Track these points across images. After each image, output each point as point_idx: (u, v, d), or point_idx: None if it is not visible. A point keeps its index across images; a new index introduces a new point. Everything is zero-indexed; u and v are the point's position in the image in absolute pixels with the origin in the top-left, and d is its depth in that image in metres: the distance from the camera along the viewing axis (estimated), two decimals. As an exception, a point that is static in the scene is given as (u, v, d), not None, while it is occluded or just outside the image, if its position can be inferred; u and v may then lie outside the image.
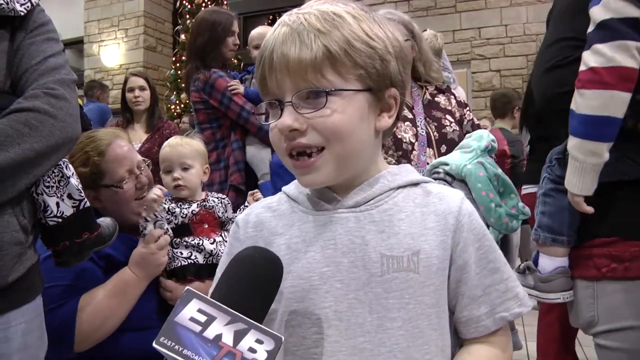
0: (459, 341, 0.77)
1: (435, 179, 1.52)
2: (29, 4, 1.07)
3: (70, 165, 1.13)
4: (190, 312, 0.54)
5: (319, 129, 0.68)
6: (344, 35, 0.68)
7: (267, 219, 0.80)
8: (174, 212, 1.49)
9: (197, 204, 1.53)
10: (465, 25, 6.32)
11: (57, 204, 1.07)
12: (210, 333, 0.53)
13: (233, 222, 1.57)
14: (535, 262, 1.22)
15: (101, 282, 1.36)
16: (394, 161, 1.64)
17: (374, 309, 0.69)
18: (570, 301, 1.16)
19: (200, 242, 1.48)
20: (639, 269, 1.01)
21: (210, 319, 0.54)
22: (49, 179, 1.07)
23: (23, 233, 1.02)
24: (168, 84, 6.69)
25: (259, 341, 0.53)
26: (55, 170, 1.08)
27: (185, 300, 0.55)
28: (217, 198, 1.61)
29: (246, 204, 1.68)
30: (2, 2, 1.01)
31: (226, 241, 1.37)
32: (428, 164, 1.67)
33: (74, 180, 1.11)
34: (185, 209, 1.51)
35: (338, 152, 0.70)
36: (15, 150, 0.94)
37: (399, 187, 0.76)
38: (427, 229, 0.73)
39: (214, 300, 0.56)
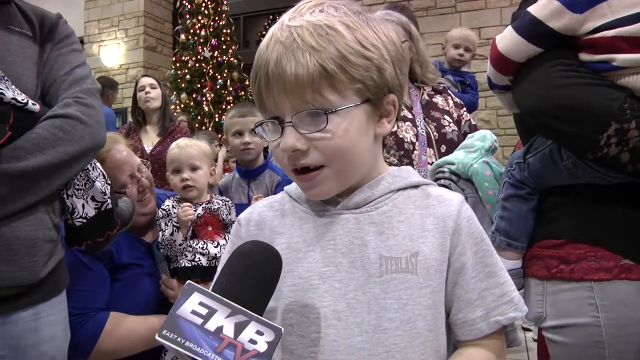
0: (454, 342, 0.78)
1: (440, 178, 1.52)
2: None
3: (98, 166, 1.18)
4: (191, 305, 0.55)
5: (321, 149, 0.69)
6: (339, 51, 0.66)
7: (269, 217, 0.80)
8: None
9: (202, 207, 1.54)
10: (465, 25, 6.29)
11: (83, 206, 1.13)
12: (211, 325, 0.54)
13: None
14: None
15: (107, 285, 1.38)
16: (396, 161, 1.64)
17: (372, 309, 0.69)
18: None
19: (205, 245, 1.49)
20: (583, 270, 1.06)
21: (212, 312, 0.55)
22: (78, 182, 1.13)
23: (55, 230, 1.08)
24: (168, 84, 6.69)
25: (259, 333, 0.54)
26: (82, 174, 1.13)
27: (187, 293, 0.56)
28: (222, 200, 1.62)
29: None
30: None
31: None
32: (429, 163, 1.68)
33: (99, 184, 1.16)
34: (194, 205, 1.52)
35: (338, 168, 0.71)
36: (52, 152, 1.01)
37: (399, 189, 0.76)
38: (426, 231, 0.73)
39: (214, 294, 0.57)
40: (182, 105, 6.44)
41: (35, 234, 1.02)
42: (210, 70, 6.55)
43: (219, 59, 6.60)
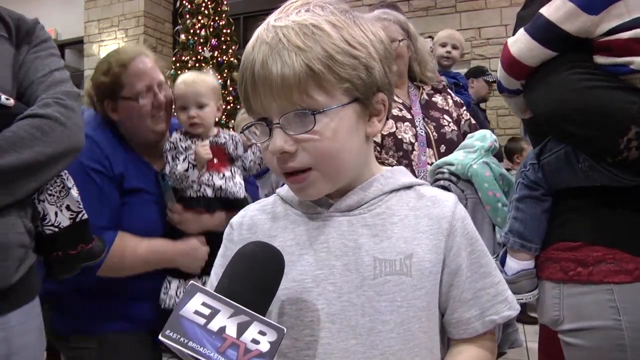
0: (446, 342, 0.78)
1: (439, 179, 1.52)
2: None
3: (70, 177, 1.15)
4: (194, 306, 0.56)
5: (309, 151, 0.68)
6: (326, 50, 0.65)
7: (261, 221, 0.80)
8: (191, 148, 1.53)
9: (209, 140, 1.57)
10: (465, 25, 6.31)
11: (56, 214, 1.09)
12: (214, 325, 0.55)
13: (243, 160, 1.63)
14: (502, 262, 1.25)
15: (117, 204, 1.42)
16: (395, 162, 1.64)
17: (367, 312, 0.69)
18: (536, 298, 1.21)
19: (210, 177, 1.53)
20: (602, 273, 1.05)
21: (214, 312, 0.56)
22: (51, 188, 1.09)
23: (27, 236, 1.04)
24: (168, 83, 6.68)
25: (261, 333, 0.55)
26: (57, 180, 1.10)
27: (190, 294, 0.57)
28: (229, 135, 1.64)
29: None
30: None
31: (234, 177, 1.53)
32: (429, 164, 1.67)
33: (74, 192, 1.13)
34: (199, 139, 1.56)
35: (328, 171, 0.70)
36: (28, 152, 0.98)
37: (392, 191, 0.76)
38: (420, 232, 0.73)
39: (217, 294, 0.57)
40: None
41: (6, 238, 0.98)
42: (210, 70, 6.55)
43: (219, 59, 6.60)
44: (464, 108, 1.91)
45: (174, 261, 1.46)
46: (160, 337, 0.54)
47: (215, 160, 1.56)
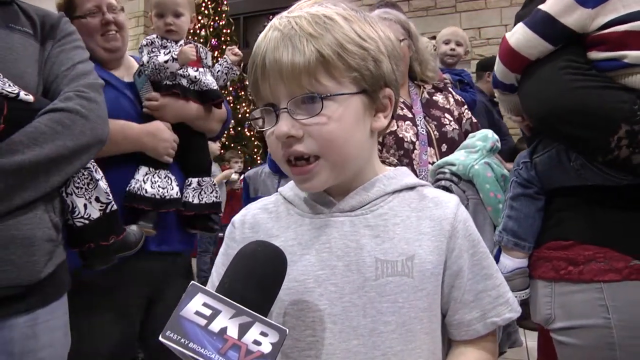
0: (448, 343, 0.78)
1: (441, 179, 1.52)
2: None
3: (99, 169, 1.17)
4: (195, 306, 0.55)
5: (315, 137, 0.68)
6: (336, 38, 0.67)
7: (263, 220, 0.80)
8: (166, 47, 1.64)
9: (183, 42, 1.69)
10: (465, 25, 6.31)
11: (85, 206, 1.11)
12: (215, 326, 0.54)
13: (211, 70, 1.74)
14: (496, 260, 1.25)
15: None
16: (395, 161, 1.64)
17: (368, 313, 0.69)
18: (528, 297, 1.22)
19: (185, 69, 1.63)
20: (592, 272, 1.05)
21: (215, 313, 0.55)
22: (79, 180, 1.11)
23: (54, 230, 1.05)
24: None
25: (263, 334, 0.54)
26: (85, 173, 1.12)
27: (191, 294, 0.56)
28: (199, 44, 1.77)
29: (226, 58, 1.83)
30: None
31: (206, 74, 1.69)
32: (430, 163, 1.67)
33: (103, 184, 1.15)
34: (174, 43, 1.67)
35: (334, 159, 0.70)
36: (50, 146, 0.98)
37: (394, 192, 0.76)
38: (421, 234, 0.73)
39: (218, 294, 0.57)
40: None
41: (33, 232, 0.99)
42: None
43: (219, 58, 6.61)
44: (466, 106, 1.91)
45: (139, 140, 1.49)
46: (160, 338, 0.53)
47: None
